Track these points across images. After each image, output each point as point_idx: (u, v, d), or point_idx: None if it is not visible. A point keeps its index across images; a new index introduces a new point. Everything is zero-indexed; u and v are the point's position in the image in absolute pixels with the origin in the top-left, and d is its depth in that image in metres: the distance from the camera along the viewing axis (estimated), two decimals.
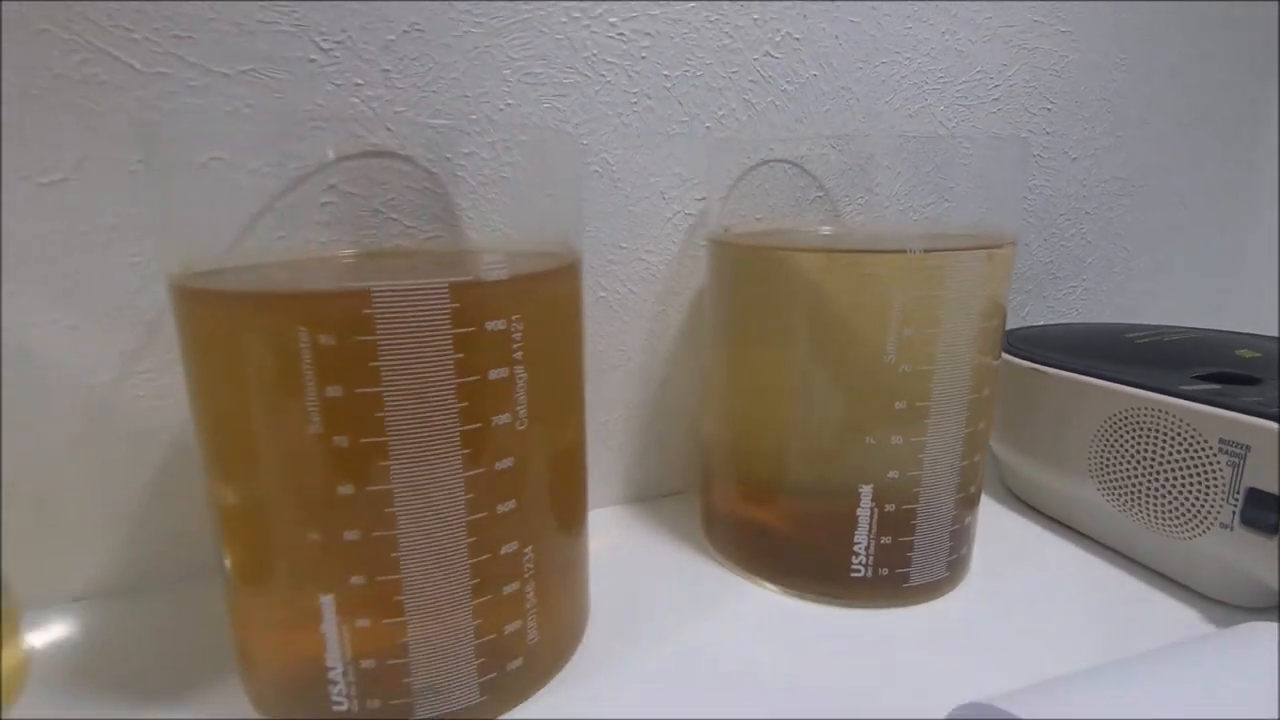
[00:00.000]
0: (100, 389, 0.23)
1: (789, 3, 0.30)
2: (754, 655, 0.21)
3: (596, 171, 0.29)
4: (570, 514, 0.20)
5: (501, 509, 0.16)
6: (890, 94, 0.33)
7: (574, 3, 0.27)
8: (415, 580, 0.16)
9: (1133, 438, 0.25)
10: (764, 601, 0.24)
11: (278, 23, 0.22)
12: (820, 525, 0.23)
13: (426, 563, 0.16)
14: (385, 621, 0.16)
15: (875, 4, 0.31)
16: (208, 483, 0.17)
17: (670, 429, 0.32)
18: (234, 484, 0.16)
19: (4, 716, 0.18)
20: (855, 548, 0.23)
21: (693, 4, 0.28)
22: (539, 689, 0.19)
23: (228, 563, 0.17)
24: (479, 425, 0.16)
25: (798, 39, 0.30)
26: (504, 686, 0.18)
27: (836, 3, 0.31)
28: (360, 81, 0.23)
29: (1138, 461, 0.25)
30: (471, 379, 0.15)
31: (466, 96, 0.25)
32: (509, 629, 0.18)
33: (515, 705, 0.19)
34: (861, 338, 0.21)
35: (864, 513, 0.22)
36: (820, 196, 0.25)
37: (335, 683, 0.17)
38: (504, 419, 0.16)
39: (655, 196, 0.29)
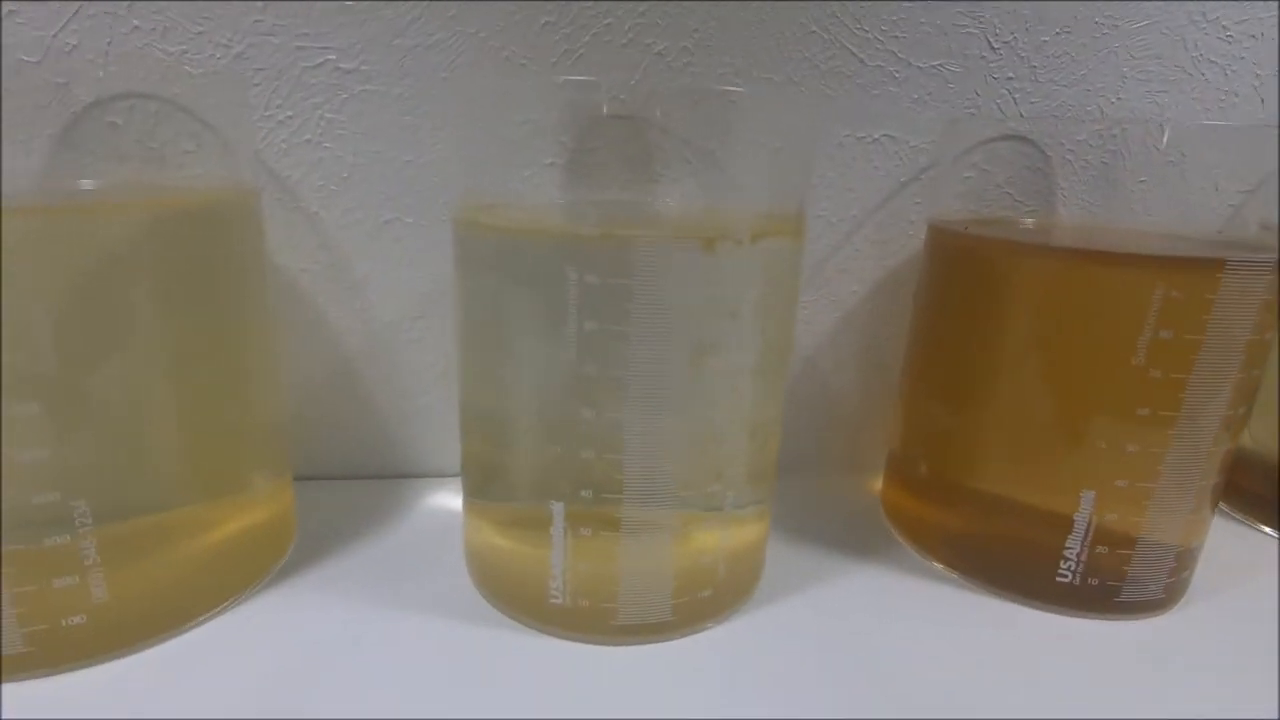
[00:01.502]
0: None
1: None
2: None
3: (1171, 162, 0.30)
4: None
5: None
6: None
7: (1196, 3, 0.28)
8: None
9: None
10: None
11: (967, 25, 0.27)
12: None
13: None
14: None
15: None
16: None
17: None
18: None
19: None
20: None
21: None
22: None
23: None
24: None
25: None
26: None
27: None
28: (1011, 76, 0.28)
29: None
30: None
31: (1088, 90, 0.28)
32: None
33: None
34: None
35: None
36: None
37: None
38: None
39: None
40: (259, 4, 0.24)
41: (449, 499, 0.29)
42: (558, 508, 0.20)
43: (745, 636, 0.22)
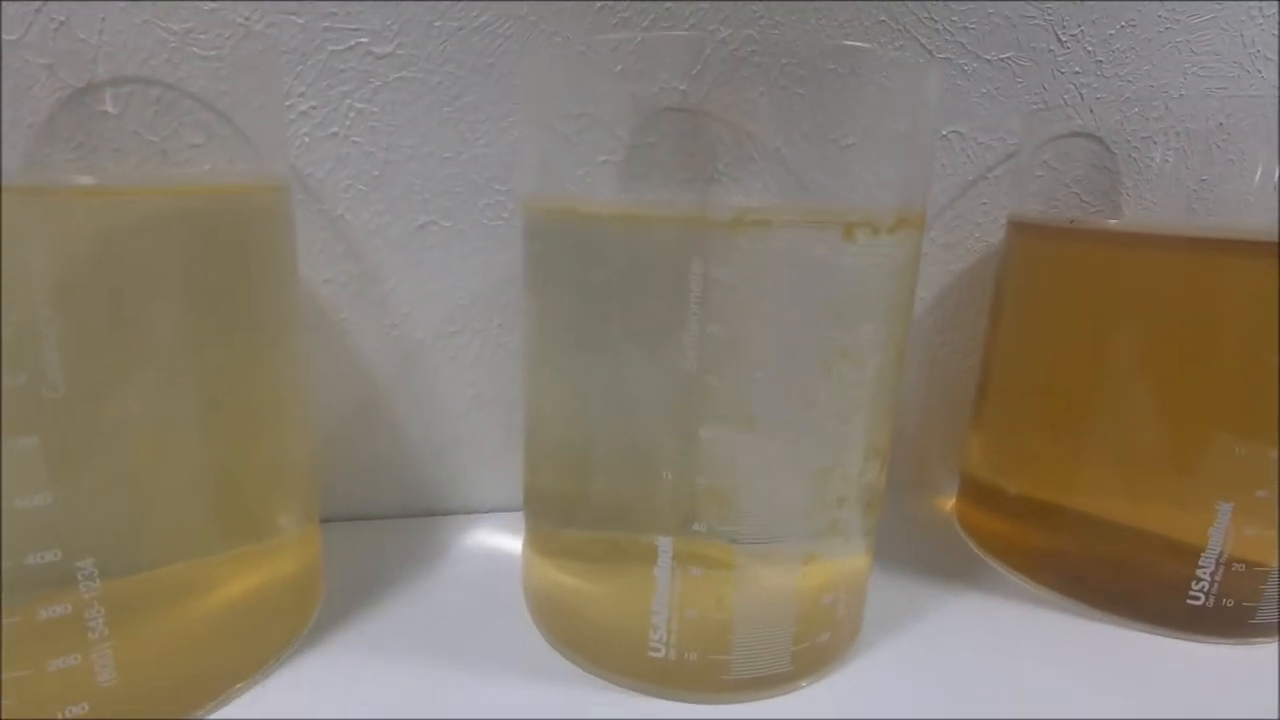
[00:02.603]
0: None
1: None
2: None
3: (1231, 160, 0.30)
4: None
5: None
6: None
7: (1255, 2, 0.28)
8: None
9: None
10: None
11: (1035, 18, 0.26)
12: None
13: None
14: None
15: None
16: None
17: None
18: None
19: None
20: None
21: None
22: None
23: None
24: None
25: None
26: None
27: None
28: (1079, 70, 0.27)
29: None
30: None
31: (1152, 86, 0.28)
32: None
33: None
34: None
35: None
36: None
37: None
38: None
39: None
40: None
41: (497, 536, 0.25)
42: (665, 543, 0.17)
43: (866, 682, 0.19)
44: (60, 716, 0.14)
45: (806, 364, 0.16)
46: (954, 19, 0.26)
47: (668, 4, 0.24)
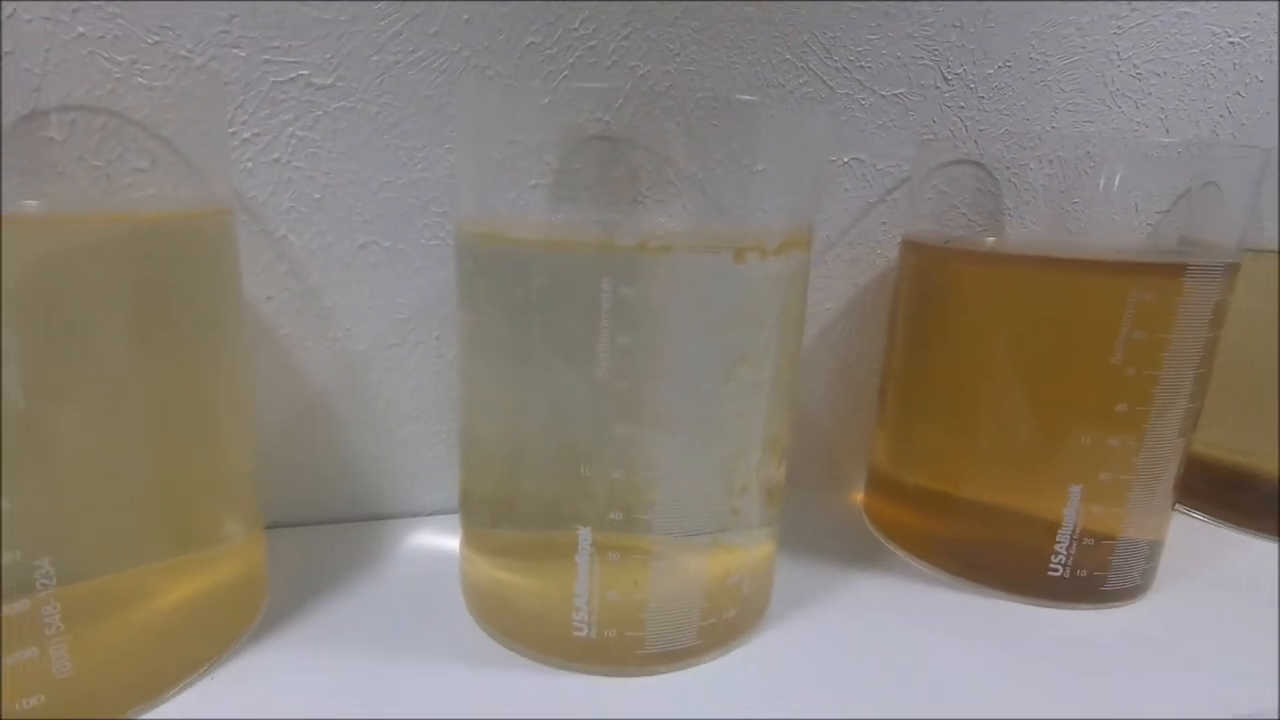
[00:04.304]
0: None
1: None
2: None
3: (1097, 185, 0.33)
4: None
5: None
6: None
7: (1115, 48, 0.31)
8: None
9: None
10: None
11: (923, 59, 0.29)
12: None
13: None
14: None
15: None
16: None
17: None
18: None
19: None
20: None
21: (1195, 52, 0.32)
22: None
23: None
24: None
25: None
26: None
27: None
28: (963, 105, 0.30)
29: None
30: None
31: (1027, 120, 0.31)
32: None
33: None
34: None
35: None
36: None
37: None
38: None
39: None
40: (224, 13, 0.22)
41: (436, 538, 0.27)
42: (585, 533, 0.19)
43: (770, 653, 0.21)
44: (18, 705, 0.15)
45: (707, 369, 0.18)
46: (851, 58, 0.28)
47: (591, 42, 0.26)
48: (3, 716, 0.15)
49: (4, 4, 0.21)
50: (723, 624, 0.21)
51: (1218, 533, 0.31)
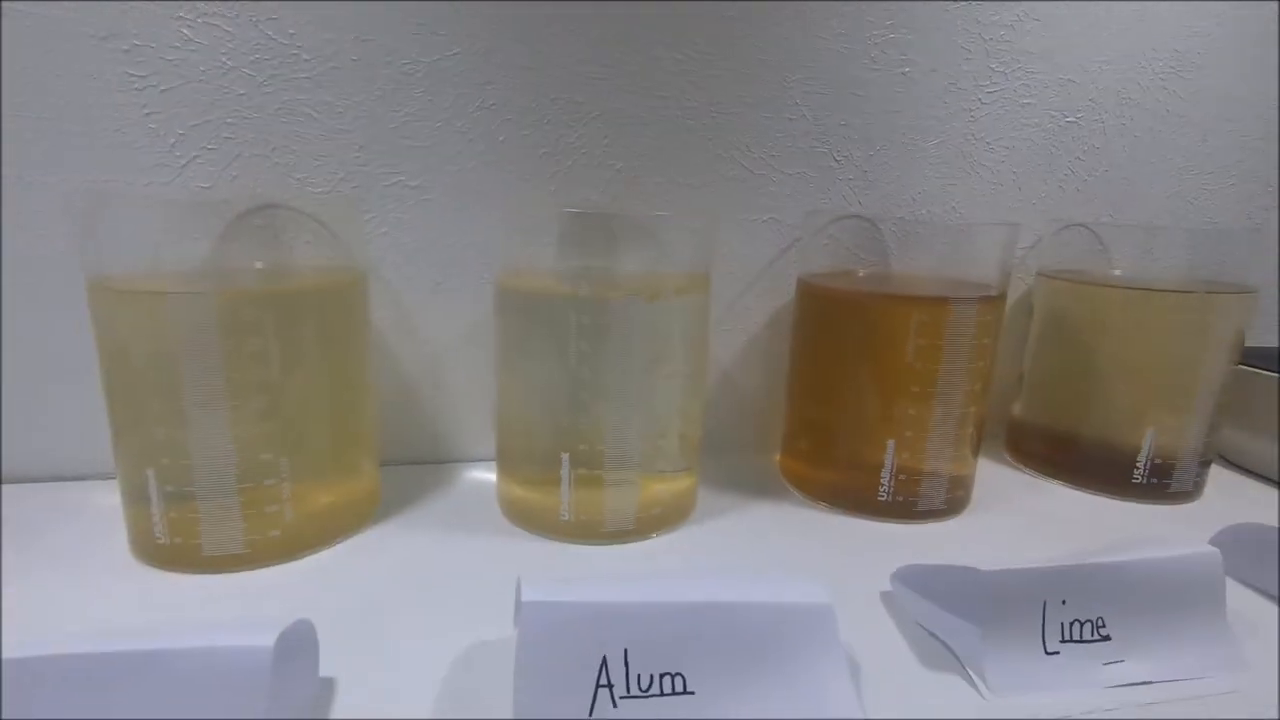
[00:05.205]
0: None
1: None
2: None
3: (945, 243, 0.45)
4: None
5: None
6: None
7: (972, 133, 0.43)
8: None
9: None
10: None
11: (817, 147, 0.41)
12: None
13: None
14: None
15: None
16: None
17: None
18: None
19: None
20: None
21: (1037, 130, 0.43)
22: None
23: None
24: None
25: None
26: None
27: None
28: (851, 177, 0.42)
29: None
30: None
31: (905, 188, 0.43)
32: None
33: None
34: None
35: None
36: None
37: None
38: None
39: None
40: (357, 144, 0.37)
41: (482, 474, 0.41)
42: (565, 458, 0.32)
43: (685, 538, 0.35)
44: (268, 534, 0.30)
45: (638, 365, 0.31)
46: (765, 149, 0.41)
47: (582, 149, 0.39)
48: (260, 541, 0.30)
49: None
50: (651, 518, 0.34)
51: (1037, 483, 0.43)
